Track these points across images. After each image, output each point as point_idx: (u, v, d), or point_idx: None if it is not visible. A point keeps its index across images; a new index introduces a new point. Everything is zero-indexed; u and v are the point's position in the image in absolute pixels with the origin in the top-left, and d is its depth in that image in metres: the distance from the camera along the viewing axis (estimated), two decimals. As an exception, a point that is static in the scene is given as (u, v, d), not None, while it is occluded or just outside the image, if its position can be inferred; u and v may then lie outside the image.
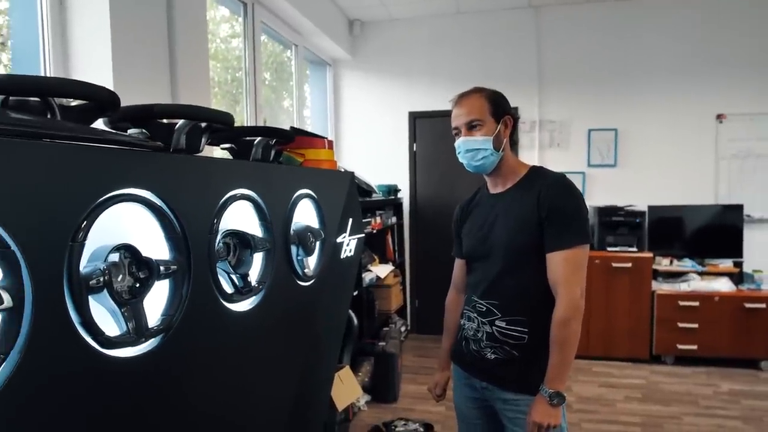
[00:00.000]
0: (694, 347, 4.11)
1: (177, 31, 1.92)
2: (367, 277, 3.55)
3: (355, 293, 3.07)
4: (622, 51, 4.55)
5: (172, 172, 0.94)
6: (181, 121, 0.98)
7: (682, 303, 4.13)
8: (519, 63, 4.68)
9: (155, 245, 0.91)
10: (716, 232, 4.38)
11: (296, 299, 1.42)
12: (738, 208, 4.33)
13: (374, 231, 3.77)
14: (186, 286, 0.95)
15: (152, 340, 0.88)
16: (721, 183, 4.49)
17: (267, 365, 1.30)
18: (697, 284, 4.18)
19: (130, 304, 0.84)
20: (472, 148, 1.55)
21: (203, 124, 1.04)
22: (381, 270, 3.85)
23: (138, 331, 0.84)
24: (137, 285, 0.85)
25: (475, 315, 1.57)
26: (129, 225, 0.87)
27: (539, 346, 1.46)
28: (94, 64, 1.61)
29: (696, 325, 4.10)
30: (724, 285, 4.15)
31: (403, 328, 4.58)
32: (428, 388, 1.81)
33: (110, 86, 1.64)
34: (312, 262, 1.50)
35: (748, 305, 4.02)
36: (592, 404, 3.44)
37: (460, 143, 1.56)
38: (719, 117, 4.46)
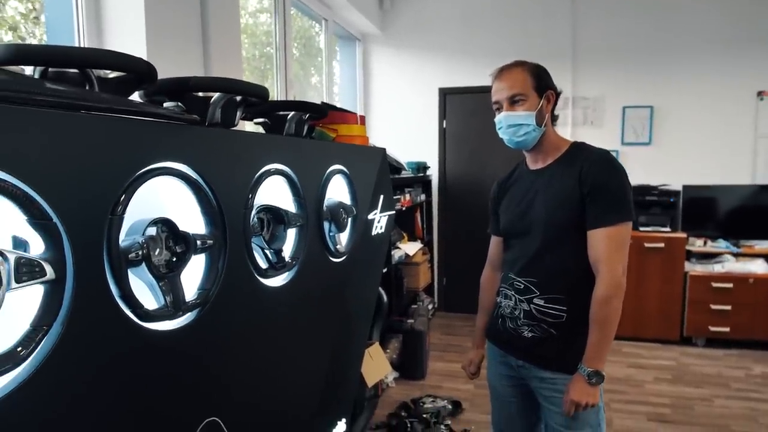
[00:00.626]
0: (727, 329, 4.01)
1: (209, 3, 1.90)
2: (396, 254, 3.54)
3: (385, 270, 3.07)
4: (659, 27, 4.36)
5: (208, 146, 0.93)
6: (216, 95, 0.97)
7: (715, 284, 4.02)
8: (552, 39, 4.53)
9: (191, 219, 0.91)
10: (753, 213, 4.24)
11: (328, 275, 1.41)
12: (776, 188, 4.18)
13: (403, 208, 3.75)
14: (222, 261, 0.95)
15: (189, 314, 0.89)
16: (759, 162, 4.32)
17: (299, 340, 1.30)
18: (731, 266, 4.06)
19: (167, 278, 0.84)
20: (514, 124, 1.50)
21: (238, 98, 1.03)
22: (410, 247, 3.83)
23: (176, 304, 0.85)
24: (174, 259, 0.85)
25: (513, 292, 1.56)
26: (166, 198, 0.87)
27: (578, 325, 1.44)
28: (127, 36, 1.61)
29: (729, 307, 3.99)
30: (759, 267, 4.02)
31: (430, 306, 4.58)
32: (462, 366, 1.80)
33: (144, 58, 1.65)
34: (344, 238, 1.49)
35: (786, 288, 3.90)
36: (621, 385, 3.40)
37: (502, 118, 1.51)
38: (761, 94, 4.27)
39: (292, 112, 1.32)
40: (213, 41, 1.91)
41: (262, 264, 1.10)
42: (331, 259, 1.41)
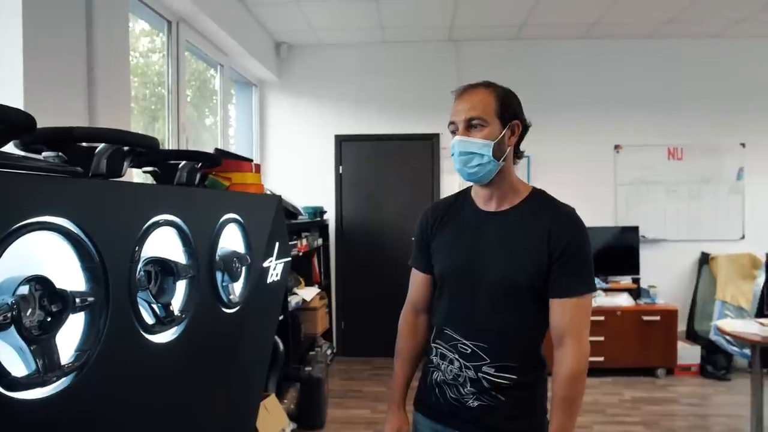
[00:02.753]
0: (601, 359, 4.39)
1: (96, 48, 1.82)
2: (293, 300, 3.49)
3: (281, 318, 3.01)
4: (533, 85, 4.89)
5: (91, 198, 0.89)
6: (101, 145, 0.94)
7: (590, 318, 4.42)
8: (440, 92, 4.81)
9: (71, 276, 0.86)
10: (617, 252, 4.75)
11: (221, 327, 1.37)
12: (634, 230, 4.76)
13: (300, 253, 3.73)
14: (103, 319, 0.90)
15: (65, 378, 0.82)
16: (619, 206, 4.92)
17: (191, 397, 1.24)
18: (602, 300, 4.51)
19: (40, 340, 0.78)
20: (466, 151, 1.31)
21: (126, 148, 1.00)
22: (307, 293, 3.80)
23: (48, 369, 0.78)
24: (49, 319, 0.80)
25: (457, 356, 1.35)
26: (42, 255, 0.82)
27: (526, 386, 1.34)
28: (2, 83, 1.47)
29: (602, 338, 4.38)
30: (624, 300, 4.52)
31: (329, 351, 4.53)
32: None
33: (20, 104, 1.53)
34: (238, 288, 1.46)
35: (645, 318, 4.39)
36: (512, 419, 3.56)
37: (455, 143, 1.32)
38: (617, 147, 4.92)
39: (184, 161, 1.30)
40: (100, 88, 1.82)
41: (149, 319, 1.05)
42: (223, 309, 1.37)
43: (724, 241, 4.82)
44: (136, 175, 2.00)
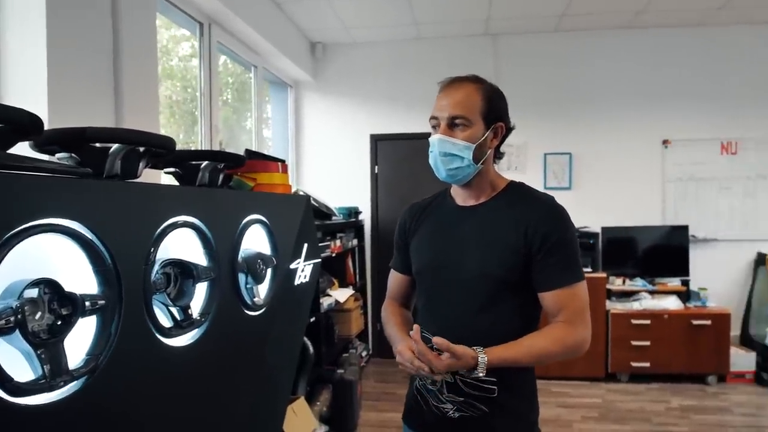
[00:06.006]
0: (647, 364, 4.21)
1: (123, 49, 1.83)
2: (326, 302, 3.47)
3: (314, 319, 2.99)
4: (574, 79, 4.73)
5: (103, 200, 0.87)
6: (115, 146, 0.92)
7: (634, 321, 4.24)
8: (477, 87, 4.78)
9: (84, 279, 0.84)
10: (664, 252, 4.56)
11: (244, 330, 1.35)
12: (684, 229, 4.53)
13: (334, 254, 3.71)
14: (116, 323, 0.88)
15: (74, 383, 0.81)
16: (668, 205, 4.68)
17: (212, 402, 1.22)
18: (648, 303, 4.31)
19: (47, 344, 0.76)
20: (447, 152, 1.25)
21: (142, 149, 0.98)
22: (341, 294, 3.78)
23: (56, 374, 0.77)
24: (58, 323, 0.78)
25: None
26: (52, 258, 0.80)
27: (512, 398, 1.27)
28: (26, 85, 1.48)
29: (648, 343, 4.21)
30: (672, 303, 4.29)
31: (364, 353, 4.50)
32: (399, 351, 1.32)
33: (44, 106, 1.55)
34: (263, 290, 1.44)
35: (695, 322, 4.18)
36: (550, 426, 3.45)
37: (435, 141, 1.26)
38: (665, 142, 4.68)
39: (206, 162, 1.28)
40: (126, 90, 1.82)
41: (166, 323, 1.03)
42: (246, 312, 1.35)
43: (783, 240, 4.53)
44: (164, 178, 2.02)
